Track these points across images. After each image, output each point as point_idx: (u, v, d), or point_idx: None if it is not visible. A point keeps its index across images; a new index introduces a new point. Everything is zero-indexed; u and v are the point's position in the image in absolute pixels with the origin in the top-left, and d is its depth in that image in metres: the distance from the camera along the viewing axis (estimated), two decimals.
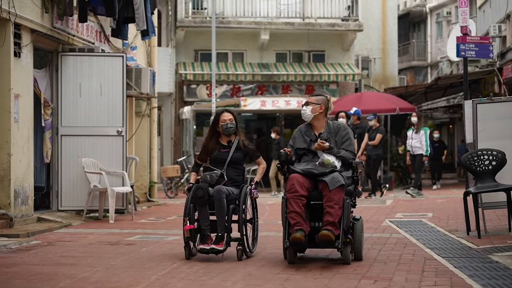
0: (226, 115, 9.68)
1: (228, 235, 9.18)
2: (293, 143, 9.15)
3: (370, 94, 29.05)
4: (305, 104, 9.17)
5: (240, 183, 9.61)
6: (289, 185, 8.66)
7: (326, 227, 8.43)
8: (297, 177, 8.69)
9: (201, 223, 9.24)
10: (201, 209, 9.25)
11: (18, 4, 12.76)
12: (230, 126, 9.64)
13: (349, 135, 9.08)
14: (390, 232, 12.13)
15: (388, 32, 36.08)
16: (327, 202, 8.55)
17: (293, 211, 8.54)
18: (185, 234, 9.16)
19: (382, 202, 19.17)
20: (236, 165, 9.64)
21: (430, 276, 7.78)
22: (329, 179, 8.60)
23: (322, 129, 9.13)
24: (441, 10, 46.48)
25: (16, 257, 9.64)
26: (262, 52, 31.13)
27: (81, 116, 15.07)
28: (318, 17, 30.82)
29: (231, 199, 9.31)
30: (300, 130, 9.22)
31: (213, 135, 9.75)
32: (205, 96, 30.17)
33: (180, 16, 30.01)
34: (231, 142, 9.69)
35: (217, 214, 9.21)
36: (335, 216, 8.46)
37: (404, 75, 46.93)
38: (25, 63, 13.31)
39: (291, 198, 8.60)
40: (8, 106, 12.70)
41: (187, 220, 9.18)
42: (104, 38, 16.73)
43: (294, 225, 8.51)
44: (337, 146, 8.98)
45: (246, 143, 9.72)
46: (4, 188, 12.67)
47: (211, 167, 9.60)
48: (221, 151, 9.65)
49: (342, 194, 8.58)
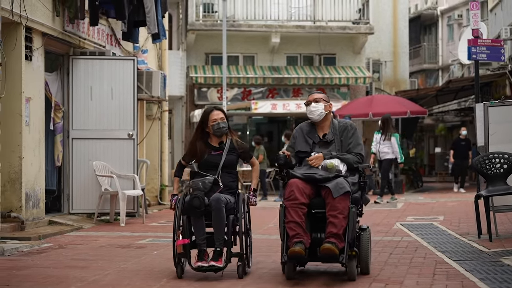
0: (216, 114, 8.48)
1: (228, 250, 8.10)
2: (294, 144, 8.23)
3: (381, 97, 29.01)
4: (314, 101, 8.18)
5: (235, 189, 8.47)
6: (288, 192, 7.76)
7: (329, 240, 7.52)
8: (297, 183, 7.78)
9: (197, 237, 8.09)
10: (196, 221, 8.09)
11: (30, 7, 12.80)
12: (223, 126, 8.45)
13: (356, 135, 8.16)
14: (401, 235, 12.10)
15: (399, 35, 36.03)
16: (330, 211, 7.65)
17: (292, 221, 7.63)
18: (177, 250, 7.99)
19: (393, 205, 19.12)
20: (230, 169, 8.48)
21: (441, 280, 7.76)
22: (333, 185, 7.70)
23: (327, 129, 8.21)
24: (452, 13, 46.39)
25: (28, 260, 9.67)
26: (273, 55, 31.13)
27: (92, 120, 15.10)
28: (329, 20, 30.79)
29: (229, 208, 8.20)
30: (301, 129, 8.26)
31: (201, 137, 8.56)
32: (216, 100, 30.18)
33: (191, 19, 30.04)
34: (223, 143, 8.51)
35: (215, 226, 8.05)
36: (339, 227, 7.57)
37: (415, 78, 46.85)
38: (36, 67, 13.34)
39: (290, 206, 7.69)
40: (20, 109, 12.73)
41: (179, 234, 8.04)
42: (115, 41, 16.77)
43: (293, 236, 7.60)
44: (343, 147, 8.10)
45: (240, 144, 8.62)
46: (16, 191, 12.69)
47: (201, 173, 8.38)
48: (212, 154, 8.46)
49: (347, 202, 7.67)
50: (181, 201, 8.19)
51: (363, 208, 8.15)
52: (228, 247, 8.10)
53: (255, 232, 10.69)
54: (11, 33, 12.49)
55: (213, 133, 8.46)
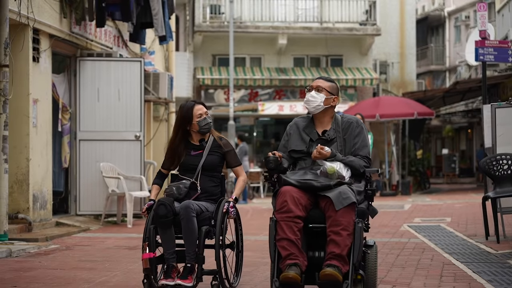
0: (200, 108, 7.39)
1: (199, 267, 6.95)
2: (287, 143, 6.71)
3: (388, 99, 28.99)
4: (316, 89, 6.67)
5: (217, 196, 7.34)
6: (280, 202, 6.28)
7: (330, 262, 6.09)
8: (291, 191, 6.28)
9: (165, 251, 7.05)
10: (164, 232, 7.02)
11: (37, 9, 12.82)
12: (210, 121, 7.42)
13: (363, 134, 6.66)
14: (409, 236, 12.09)
15: (406, 36, 35.99)
16: (332, 227, 6.18)
17: (284, 238, 6.18)
18: (143, 265, 6.97)
19: (400, 206, 19.10)
20: (212, 172, 7.34)
21: (448, 281, 7.74)
22: (334, 195, 6.22)
23: (328, 125, 6.67)
24: (460, 14, 46.34)
25: (35, 261, 9.68)
26: (280, 57, 31.13)
27: (99, 121, 15.11)
28: (336, 21, 30.79)
29: (204, 218, 7.07)
30: (296, 125, 6.75)
31: (179, 135, 7.43)
32: (223, 101, 30.21)
33: (198, 21, 30.07)
34: (203, 141, 7.42)
35: (185, 238, 6.99)
36: (342, 246, 6.12)
37: (422, 80, 46.80)
38: (43, 68, 13.37)
39: (282, 220, 6.21)
40: (27, 111, 12.75)
41: (146, 247, 7.00)
42: (122, 43, 16.79)
43: (286, 257, 6.15)
44: (346, 148, 6.60)
45: (225, 142, 7.47)
46: (23, 192, 12.72)
47: (180, 176, 7.37)
48: (192, 154, 7.37)
49: (352, 215, 6.20)
50: (152, 210, 7.13)
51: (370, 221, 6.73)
52: (200, 263, 6.95)
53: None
54: (19, 35, 12.52)
55: (199, 130, 7.35)
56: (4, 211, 11.37)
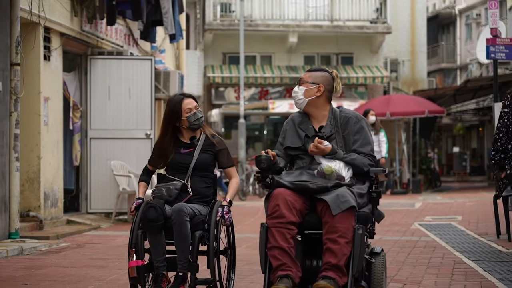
0: (190, 102, 6.73)
1: (193, 276, 6.32)
2: (283, 140, 6.09)
3: (398, 97, 28.92)
4: (298, 83, 6.09)
5: (209, 198, 6.72)
6: (272, 206, 5.64)
7: (326, 274, 5.46)
8: (284, 194, 5.65)
9: (154, 258, 6.39)
10: (154, 238, 6.38)
11: (48, 8, 12.85)
12: (201, 117, 6.75)
13: (364, 131, 5.96)
14: (419, 235, 12.07)
15: (417, 34, 35.93)
16: (328, 234, 5.55)
17: (276, 247, 5.55)
18: (130, 274, 6.35)
19: (411, 205, 19.07)
20: (204, 171, 6.72)
21: (459, 280, 7.72)
22: (331, 198, 5.59)
23: (323, 120, 6.00)
24: (471, 12, 46.23)
25: (46, 259, 9.71)
26: (290, 55, 31.12)
27: (110, 119, 15.13)
28: (347, 19, 30.75)
29: (197, 222, 6.42)
30: (292, 121, 6.13)
31: (168, 131, 6.78)
32: (233, 99, 30.22)
33: (209, 19, 30.09)
34: (195, 138, 6.79)
35: (177, 244, 6.34)
36: (340, 255, 5.49)
37: (433, 78, 46.71)
38: (54, 66, 13.40)
39: (274, 227, 5.59)
40: (38, 109, 12.78)
41: (133, 254, 6.36)
42: (132, 41, 16.81)
43: (278, 268, 5.53)
44: (346, 146, 5.94)
45: (218, 139, 6.81)
46: (34, 190, 12.75)
47: (168, 177, 6.75)
48: (182, 152, 6.73)
49: (351, 221, 5.57)
50: (140, 212, 6.50)
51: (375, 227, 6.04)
52: (193, 271, 6.32)
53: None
54: (30, 33, 12.55)
55: (189, 127, 6.71)
56: (15, 209, 11.41)
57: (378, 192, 5.86)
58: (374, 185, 5.85)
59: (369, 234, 5.85)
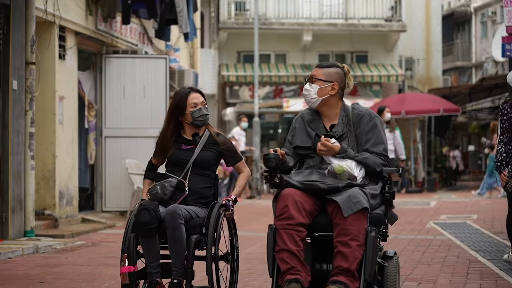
0: (196, 96, 6.32)
1: (188, 283, 5.90)
2: (292, 138, 5.85)
3: (413, 95, 28.86)
4: (309, 80, 5.80)
5: (209, 200, 6.21)
6: (281, 207, 5.45)
7: (337, 278, 5.26)
8: (293, 195, 5.45)
9: (147, 264, 5.97)
10: (147, 242, 5.95)
11: (63, 7, 12.89)
12: (206, 114, 6.32)
13: (377, 129, 5.71)
14: (434, 234, 12.04)
15: (432, 32, 35.83)
16: (339, 237, 5.34)
17: (285, 250, 5.35)
18: (122, 281, 5.92)
19: (426, 203, 19.03)
20: (204, 170, 6.25)
21: (475, 279, 7.70)
22: (343, 199, 5.38)
23: (335, 118, 5.76)
24: (486, 10, 46.06)
25: (61, 257, 9.74)
26: (305, 53, 31.08)
27: (124, 118, 15.16)
28: (361, 17, 30.69)
29: (194, 225, 5.96)
30: (302, 118, 5.85)
31: (170, 125, 6.40)
32: (247, 98, 30.22)
33: (223, 17, 30.10)
34: (197, 135, 6.35)
35: (171, 249, 5.93)
36: (351, 259, 5.28)
37: (448, 76, 46.58)
38: (69, 65, 13.44)
39: (282, 229, 5.38)
40: (53, 108, 12.83)
41: (125, 259, 5.93)
42: (147, 40, 16.84)
43: (286, 272, 5.31)
44: (358, 145, 5.70)
45: (223, 138, 6.36)
46: (49, 189, 12.80)
47: (167, 175, 6.33)
48: (182, 148, 6.30)
49: (363, 223, 5.35)
50: (133, 214, 6.15)
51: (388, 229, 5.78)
52: (188, 278, 5.89)
53: None
54: (45, 32, 12.59)
55: (192, 122, 6.30)
56: (30, 207, 11.45)
57: (392, 192, 5.62)
58: (387, 185, 5.62)
59: (382, 237, 5.62)
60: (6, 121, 11.04)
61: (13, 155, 11.10)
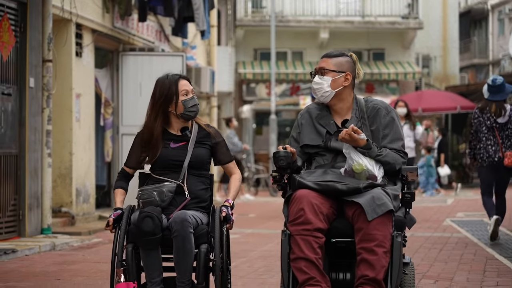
0: (186, 83, 5.51)
1: None
2: (298, 135, 5.26)
3: (430, 93, 28.80)
4: (319, 72, 5.20)
5: (207, 203, 5.49)
6: (295, 211, 4.86)
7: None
8: (309, 197, 4.87)
9: (148, 279, 5.21)
10: (148, 255, 5.18)
11: (80, 4, 12.92)
12: (197, 104, 5.59)
13: (395, 124, 5.15)
14: (451, 231, 12.00)
15: (449, 29, 35.70)
16: (363, 243, 4.80)
17: (302, 258, 4.78)
18: None
19: (443, 201, 18.97)
20: (200, 170, 5.49)
21: (492, 276, 7.67)
22: (366, 200, 4.82)
23: (348, 113, 5.20)
24: (503, 7, 45.82)
25: (78, 255, 9.77)
26: (322, 51, 30.96)
27: (141, 115, 14.89)
28: (378, 15, 30.64)
29: (200, 233, 5.24)
30: (309, 113, 5.28)
31: (158, 118, 5.60)
32: (264, 95, 30.22)
33: (240, 15, 30.11)
34: (187, 129, 5.55)
35: (178, 262, 5.17)
36: (378, 268, 4.74)
37: (465, 73, 46.40)
38: (86, 63, 13.47)
39: (298, 235, 4.81)
40: (70, 105, 12.86)
41: (120, 274, 5.16)
42: (164, 37, 16.86)
43: (304, 283, 4.76)
44: (375, 141, 5.10)
45: (214, 131, 5.60)
46: (66, 186, 12.84)
47: (154, 177, 5.52)
48: (172, 147, 5.48)
49: (389, 227, 4.82)
50: (124, 220, 5.39)
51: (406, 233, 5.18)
52: None
53: None
54: (62, 30, 12.64)
55: (183, 113, 5.50)
56: (47, 205, 11.48)
57: (412, 193, 5.04)
58: (406, 186, 5.08)
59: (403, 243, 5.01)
60: (23, 118, 11.07)
61: (30, 152, 11.14)
